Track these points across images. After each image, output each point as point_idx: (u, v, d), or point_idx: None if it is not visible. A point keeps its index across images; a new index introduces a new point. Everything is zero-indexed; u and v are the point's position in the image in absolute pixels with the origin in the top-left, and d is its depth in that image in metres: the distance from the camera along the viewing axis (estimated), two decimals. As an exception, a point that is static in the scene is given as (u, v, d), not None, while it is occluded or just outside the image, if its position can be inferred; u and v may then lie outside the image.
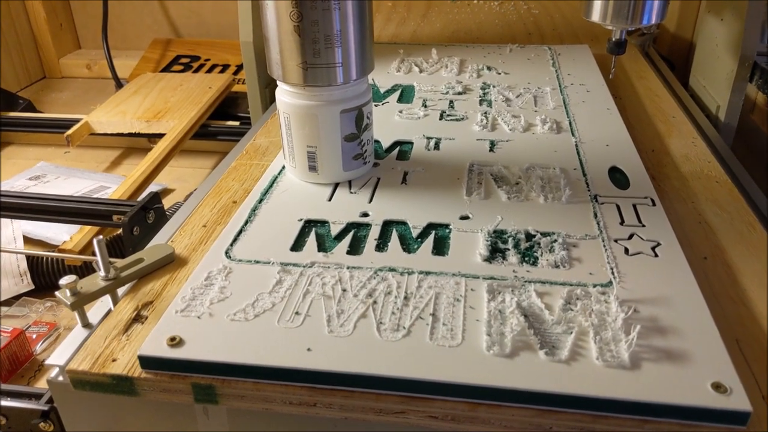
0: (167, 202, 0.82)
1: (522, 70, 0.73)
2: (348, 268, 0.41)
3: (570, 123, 0.60)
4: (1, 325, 0.60)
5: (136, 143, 0.93)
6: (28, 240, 0.72)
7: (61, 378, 0.36)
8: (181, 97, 0.91)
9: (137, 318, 0.39)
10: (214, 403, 0.35)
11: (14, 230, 0.66)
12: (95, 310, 0.41)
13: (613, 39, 0.62)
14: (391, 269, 0.41)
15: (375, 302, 0.38)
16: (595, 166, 0.52)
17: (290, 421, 0.36)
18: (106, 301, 0.41)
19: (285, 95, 0.48)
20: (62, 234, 0.71)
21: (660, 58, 0.88)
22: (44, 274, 0.67)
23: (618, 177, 0.51)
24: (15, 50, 1.19)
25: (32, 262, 0.66)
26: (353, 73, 0.47)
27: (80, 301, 0.39)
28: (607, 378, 0.32)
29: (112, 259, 0.41)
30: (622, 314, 0.36)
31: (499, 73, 0.72)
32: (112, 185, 0.80)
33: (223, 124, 0.91)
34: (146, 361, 0.35)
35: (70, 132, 0.84)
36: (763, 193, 0.55)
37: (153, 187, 0.78)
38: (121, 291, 0.41)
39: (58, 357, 0.36)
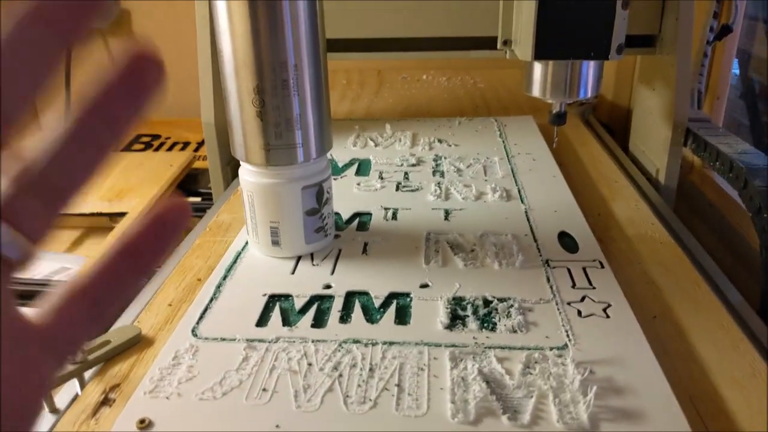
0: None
1: (471, 142, 0.77)
2: (313, 341, 0.42)
3: (519, 191, 0.63)
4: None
5: (97, 222, 0.92)
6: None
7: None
8: (143, 175, 0.92)
9: (105, 401, 0.39)
10: (185, 485, 0.35)
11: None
12: (62, 395, 0.40)
13: (554, 111, 0.67)
14: (356, 341, 0.42)
15: (341, 375, 0.39)
16: (544, 232, 0.55)
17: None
18: (73, 384, 0.41)
19: (248, 174, 0.50)
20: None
21: (600, 125, 0.93)
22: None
23: (567, 241, 0.54)
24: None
25: None
26: (313, 151, 0.49)
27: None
28: (567, 439, 0.34)
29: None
30: (579, 376, 0.38)
31: (450, 145, 0.76)
32: (73, 266, 0.79)
33: (184, 201, 0.91)
34: (114, 446, 0.34)
35: (27, 213, 0.84)
36: (705, 251, 0.58)
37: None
38: (88, 374, 0.41)
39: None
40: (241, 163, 0.50)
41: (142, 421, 0.35)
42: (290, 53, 0.45)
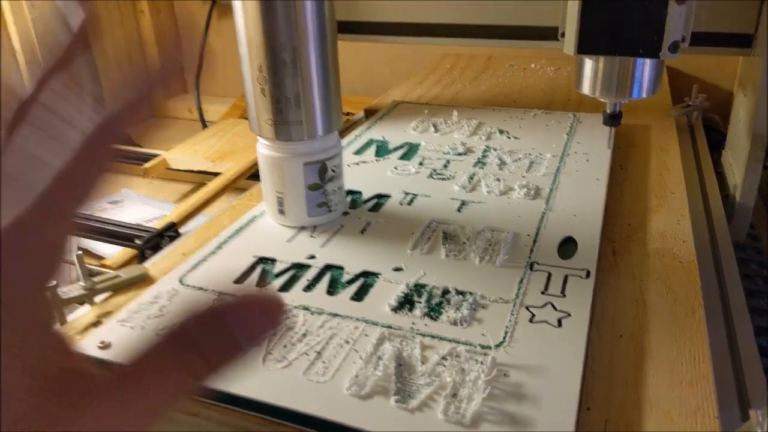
0: (214, 233, 0.90)
1: (533, 136, 0.75)
2: (270, 302, 0.46)
3: (550, 191, 0.61)
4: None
5: (203, 179, 1.04)
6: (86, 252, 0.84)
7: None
8: (249, 141, 1.01)
9: (96, 323, 0.47)
10: (126, 402, 0.41)
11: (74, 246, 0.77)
12: (75, 314, 0.49)
13: (608, 111, 0.63)
14: (305, 308, 0.45)
15: (275, 334, 0.42)
16: (550, 235, 0.54)
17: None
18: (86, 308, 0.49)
19: (261, 147, 0.55)
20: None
21: (706, 131, 0.85)
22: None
23: (567, 247, 0.52)
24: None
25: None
26: (318, 129, 0.53)
27: (58, 303, 0.48)
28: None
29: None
30: (484, 375, 0.38)
31: (509, 138, 0.74)
32: (166, 213, 0.91)
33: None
34: (80, 359, 0.42)
35: (147, 165, 0.97)
36: (741, 281, 0.53)
37: (202, 218, 0.88)
38: (98, 300, 0.50)
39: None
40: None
41: (102, 342, 0.42)
42: (289, 36, 0.49)
